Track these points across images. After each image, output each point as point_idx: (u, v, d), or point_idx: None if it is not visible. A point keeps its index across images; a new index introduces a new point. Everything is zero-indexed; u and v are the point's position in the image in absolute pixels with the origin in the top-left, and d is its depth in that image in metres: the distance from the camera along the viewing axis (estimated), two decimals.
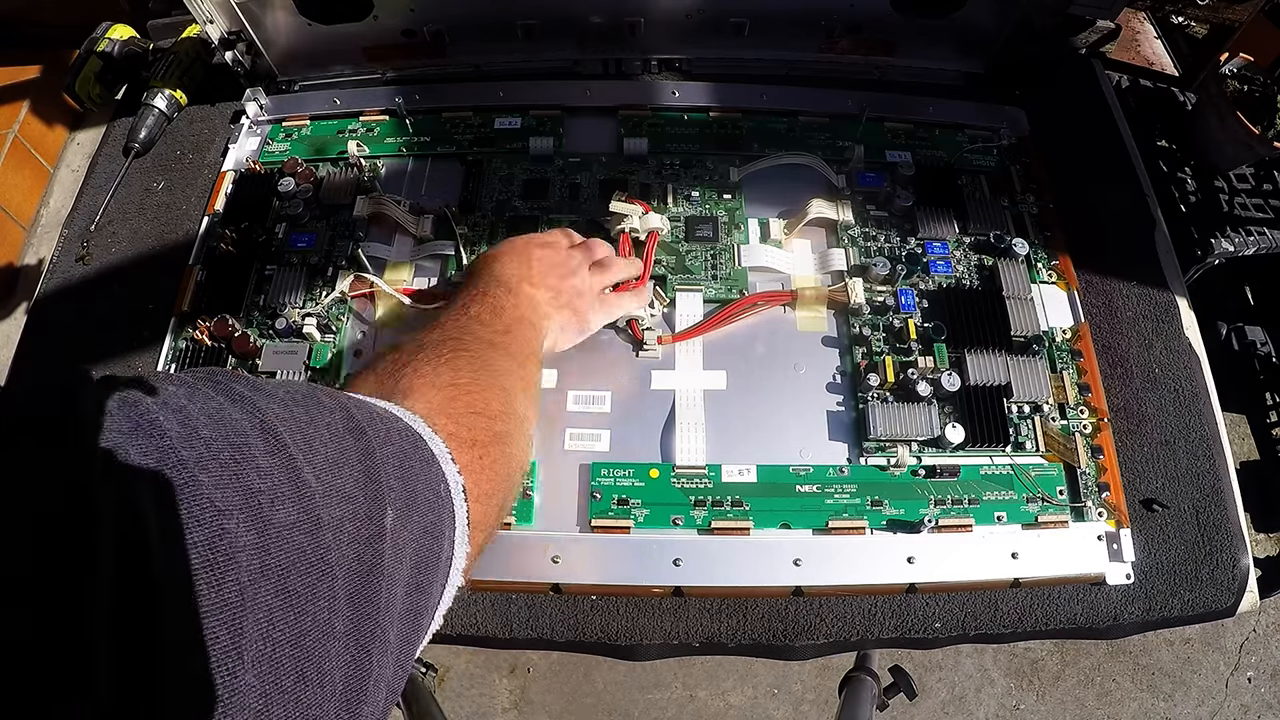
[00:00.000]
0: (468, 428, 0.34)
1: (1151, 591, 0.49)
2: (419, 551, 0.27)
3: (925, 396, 0.51)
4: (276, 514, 0.21)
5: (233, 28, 0.61)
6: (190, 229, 0.59)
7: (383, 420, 0.29)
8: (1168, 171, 0.87)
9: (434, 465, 0.29)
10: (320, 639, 0.21)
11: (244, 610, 0.19)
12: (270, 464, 0.22)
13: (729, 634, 0.48)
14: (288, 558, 0.21)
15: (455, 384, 0.36)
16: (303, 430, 0.24)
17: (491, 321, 0.43)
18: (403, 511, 0.26)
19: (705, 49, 0.67)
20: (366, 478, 0.25)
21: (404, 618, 0.26)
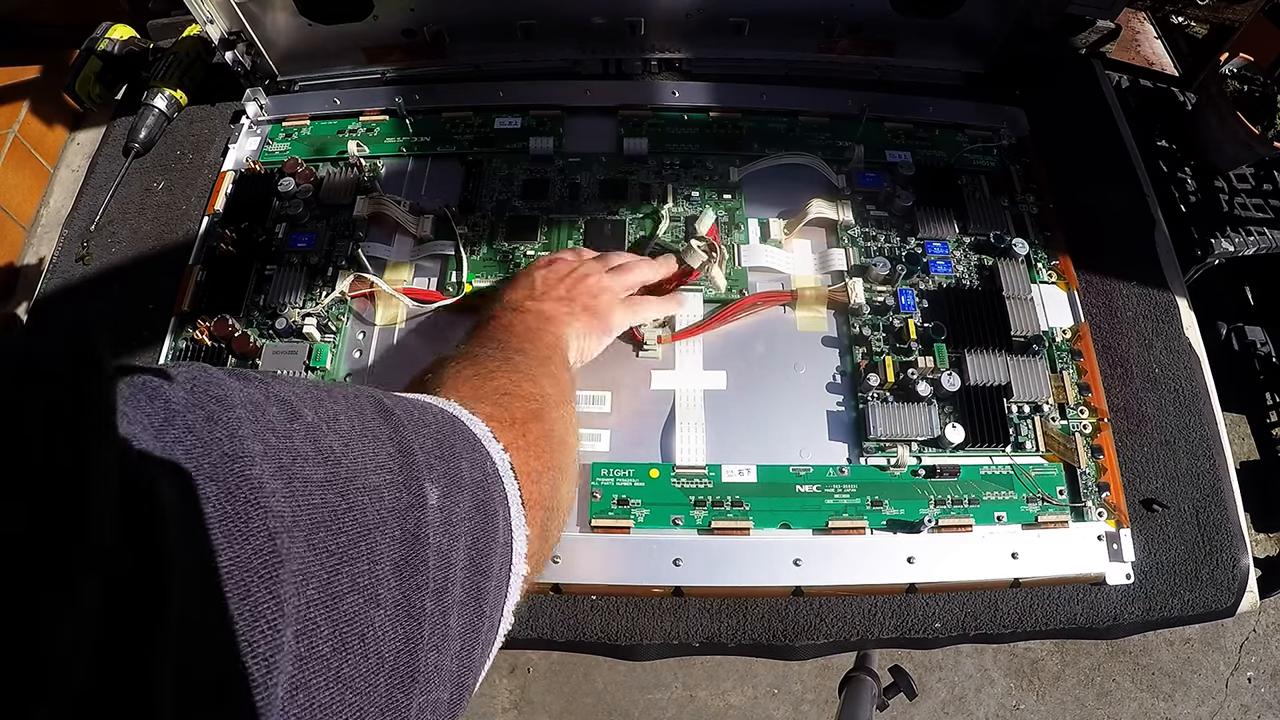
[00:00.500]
0: (504, 408, 0.33)
1: (1151, 591, 0.49)
2: (473, 530, 0.26)
3: (925, 396, 0.51)
4: (302, 470, 0.20)
5: (233, 28, 0.61)
6: (190, 229, 0.59)
7: (414, 405, 0.28)
8: (1168, 171, 0.87)
9: (477, 446, 0.29)
10: (362, 605, 0.20)
11: (279, 558, 0.18)
12: (289, 428, 0.21)
13: (729, 634, 0.48)
14: (319, 512, 0.20)
15: (479, 375, 0.36)
16: (321, 404, 0.23)
17: (506, 339, 0.42)
18: (448, 489, 0.25)
19: (705, 49, 0.67)
20: (399, 451, 0.24)
21: (464, 604, 0.24)
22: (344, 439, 0.22)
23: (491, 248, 0.57)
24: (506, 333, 0.43)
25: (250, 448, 0.19)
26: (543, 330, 0.44)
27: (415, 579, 0.22)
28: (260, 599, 0.17)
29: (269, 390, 0.22)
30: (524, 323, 0.44)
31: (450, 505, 0.25)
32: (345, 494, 0.21)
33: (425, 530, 0.23)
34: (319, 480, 0.20)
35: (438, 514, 0.24)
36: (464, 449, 0.28)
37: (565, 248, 0.56)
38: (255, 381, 0.22)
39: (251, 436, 0.19)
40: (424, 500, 0.24)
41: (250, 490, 0.18)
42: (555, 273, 0.49)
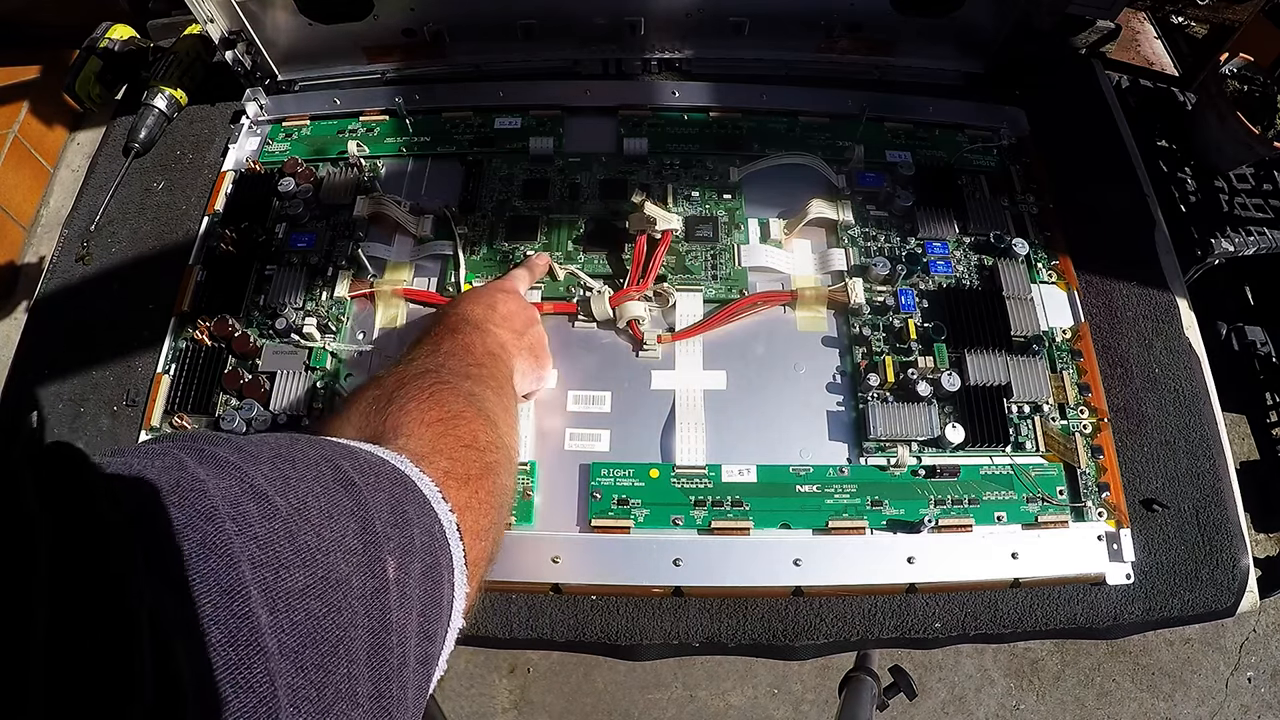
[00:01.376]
0: (461, 463, 0.33)
1: (1151, 591, 0.49)
2: (424, 598, 0.26)
3: (925, 396, 0.51)
4: (284, 583, 0.20)
5: (233, 27, 0.61)
6: (190, 229, 0.59)
7: (371, 468, 0.28)
8: (1168, 171, 0.87)
9: (427, 508, 0.29)
10: (346, 709, 0.21)
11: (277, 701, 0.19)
12: (268, 530, 0.21)
13: (729, 634, 0.48)
14: (305, 630, 0.20)
15: (443, 419, 0.35)
16: (293, 489, 0.23)
17: (464, 356, 0.42)
18: (403, 560, 0.25)
19: (705, 49, 0.67)
20: (363, 529, 0.24)
21: (416, 672, 0.25)
22: (315, 528, 0.23)
23: (491, 248, 0.57)
24: (466, 353, 0.43)
25: (243, 573, 0.19)
26: (501, 358, 0.45)
27: (384, 666, 0.23)
28: None
29: (243, 479, 0.22)
30: (484, 345, 0.44)
31: (404, 576, 0.25)
32: (323, 597, 0.21)
33: (389, 613, 0.24)
34: (300, 589, 0.21)
35: (396, 589, 0.24)
36: (416, 513, 0.28)
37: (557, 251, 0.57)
38: (228, 468, 0.22)
39: (241, 556, 0.20)
40: (386, 583, 0.24)
41: (250, 631, 0.19)
42: (511, 305, 0.49)
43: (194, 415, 0.51)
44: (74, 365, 0.55)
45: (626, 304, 0.53)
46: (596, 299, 0.54)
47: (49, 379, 0.54)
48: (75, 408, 0.53)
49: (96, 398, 0.53)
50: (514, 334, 0.47)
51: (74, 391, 0.54)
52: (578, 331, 0.55)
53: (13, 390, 0.54)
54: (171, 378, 0.53)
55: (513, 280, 0.52)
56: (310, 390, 0.52)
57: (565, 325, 0.55)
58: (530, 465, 0.50)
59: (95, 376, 0.54)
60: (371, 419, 0.35)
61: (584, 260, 0.57)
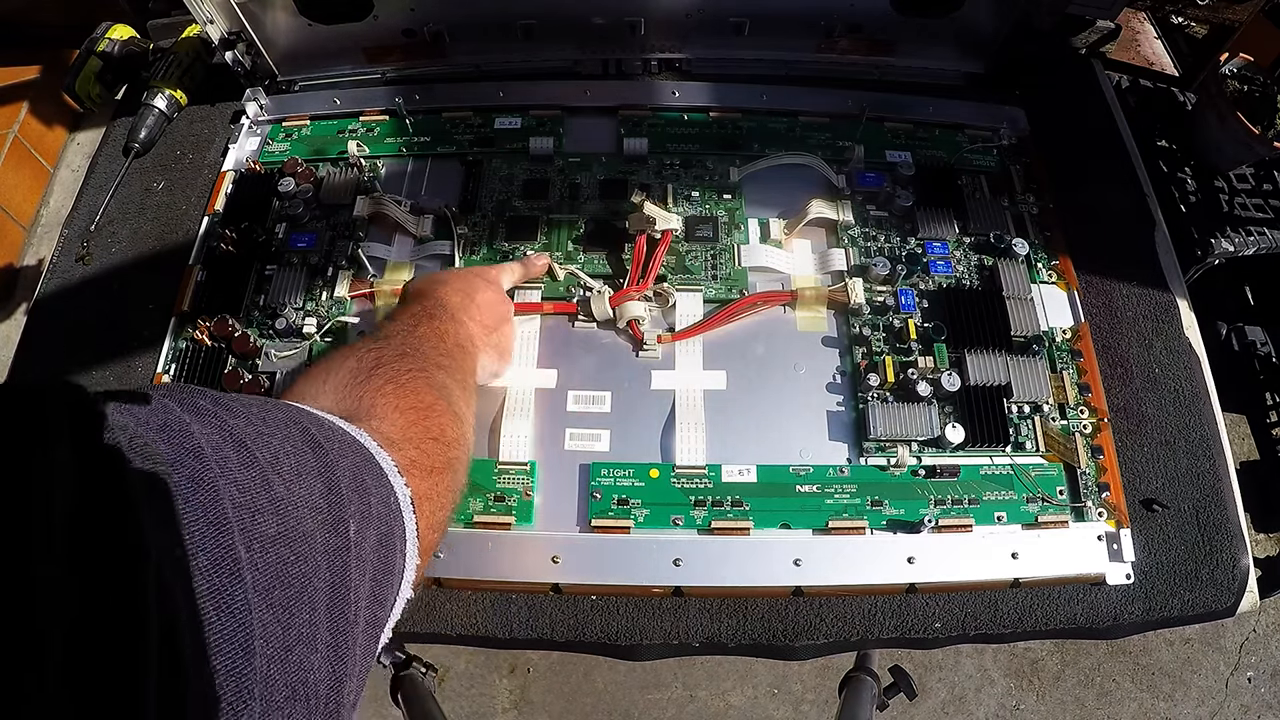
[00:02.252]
0: (427, 454, 0.34)
1: (1151, 591, 0.49)
2: (377, 563, 0.27)
3: (925, 396, 0.51)
4: (259, 527, 0.21)
5: (233, 28, 0.61)
6: (190, 229, 0.59)
7: (336, 435, 0.29)
8: (1168, 171, 0.87)
9: (384, 479, 0.30)
10: (306, 652, 0.22)
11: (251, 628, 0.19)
12: (246, 477, 0.22)
13: (729, 634, 0.48)
14: (274, 571, 0.21)
15: (416, 407, 0.36)
16: (266, 443, 0.24)
17: (438, 344, 0.43)
18: (361, 524, 0.26)
19: (705, 49, 0.67)
20: (328, 489, 0.25)
21: (365, 631, 0.26)
22: (286, 482, 0.23)
23: (491, 248, 0.57)
24: (439, 340, 0.43)
25: (226, 510, 0.20)
26: (469, 351, 0.46)
27: (341, 620, 0.24)
28: (243, 669, 0.19)
29: (224, 428, 0.23)
30: (455, 336, 0.45)
31: (361, 540, 0.26)
32: (292, 545, 0.22)
33: (348, 571, 0.25)
34: (272, 536, 0.22)
35: (354, 550, 0.25)
36: (374, 483, 0.29)
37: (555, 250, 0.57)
38: (209, 417, 0.23)
39: (224, 495, 0.21)
40: (347, 541, 0.25)
41: (232, 561, 0.20)
42: (490, 299, 0.49)
43: None
44: (74, 365, 0.55)
45: (626, 304, 0.53)
46: (596, 299, 0.54)
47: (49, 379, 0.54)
48: None
49: None
50: (484, 329, 0.48)
51: None
52: (578, 331, 0.55)
53: None
54: (171, 378, 0.53)
55: (498, 272, 0.53)
56: None
57: (565, 325, 0.55)
58: (530, 465, 0.50)
59: (95, 376, 0.54)
60: (347, 393, 0.36)
61: (584, 260, 0.57)
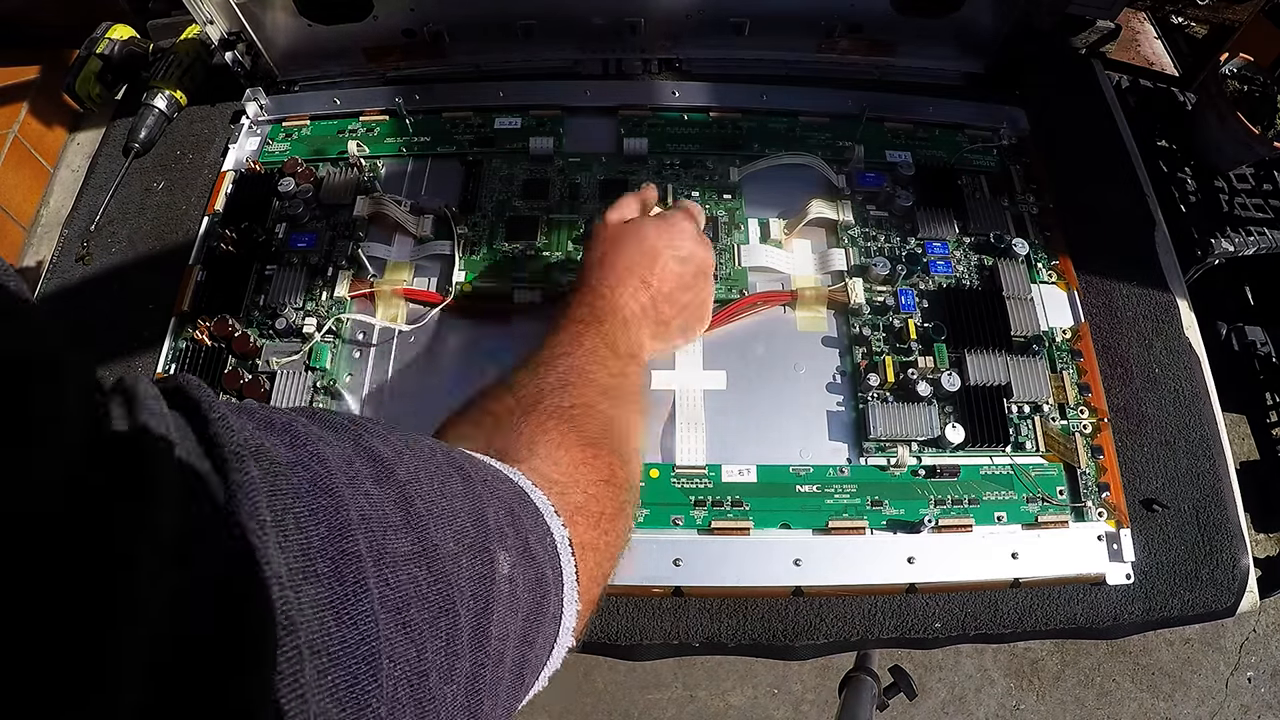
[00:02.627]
0: (596, 499, 0.31)
1: (1151, 591, 0.49)
2: (530, 603, 0.25)
3: (925, 396, 0.51)
4: (391, 543, 0.20)
5: (233, 28, 0.61)
6: (190, 229, 0.59)
7: (485, 469, 0.27)
8: (1168, 171, 0.87)
9: (540, 518, 0.28)
10: (440, 683, 0.20)
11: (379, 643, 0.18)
12: (379, 491, 0.21)
13: (729, 634, 0.48)
14: (407, 590, 0.20)
15: (583, 445, 0.33)
16: (407, 462, 0.23)
17: (606, 359, 0.40)
18: (514, 559, 0.25)
19: (705, 49, 0.67)
20: (474, 517, 0.24)
21: (511, 673, 0.24)
22: (426, 501, 0.22)
23: (491, 248, 0.57)
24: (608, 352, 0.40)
25: (351, 517, 0.19)
26: (640, 360, 0.42)
27: (481, 653, 0.22)
28: (367, 686, 0.17)
29: (358, 442, 0.22)
30: (627, 344, 0.41)
31: (517, 576, 0.25)
32: (430, 566, 0.21)
33: (493, 603, 0.23)
34: (405, 554, 0.20)
35: (506, 585, 0.24)
36: (530, 521, 0.27)
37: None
38: (344, 432, 0.22)
39: (350, 504, 0.19)
40: (494, 570, 0.23)
41: (355, 571, 0.18)
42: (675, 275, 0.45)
43: None
44: None
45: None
46: None
47: None
48: None
49: None
50: (661, 325, 0.45)
51: None
52: None
53: None
54: None
55: (688, 228, 0.47)
56: (311, 390, 0.52)
57: None
58: None
59: None
60: (504, 432, 0.33)
61: None
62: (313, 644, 0.17)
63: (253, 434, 0.18)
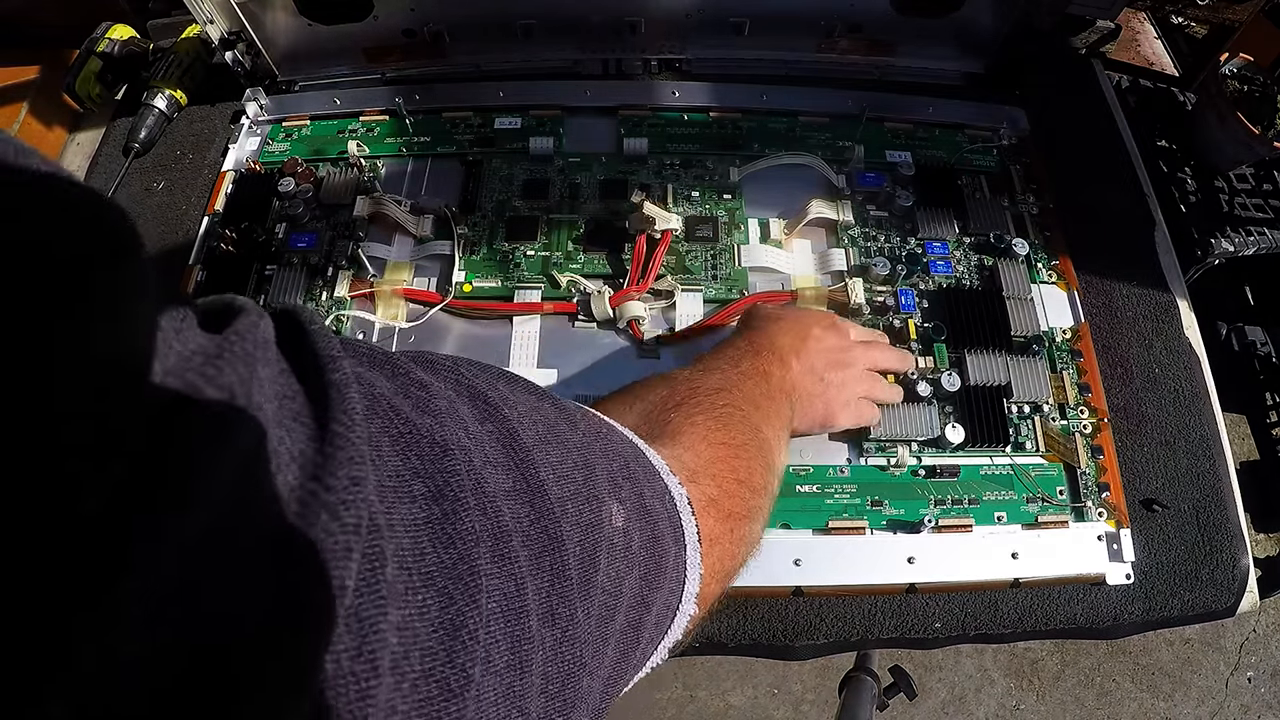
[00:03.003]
0: (729, 495, 0.31)
1: (1151, 591, 0.49)
2: (646, 561, 0.25)
3: (925, 396, 0.51)
4: (491, 478, 0.19)
5: (233, 28, 0.61)
6: (190, 229, 0.59)
7: (597, 421, 0.27)
8: (1168, 171, 0.87)
9: (657, 476, 0.27)
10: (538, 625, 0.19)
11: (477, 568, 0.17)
12: (482, 430, 0.20)
13: (729, 634, 0.48)
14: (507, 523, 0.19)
15: (727, 443, 0.33)
16: (508, 401, 0.22)
17: (759, 384, 0.40)
18: (633, 514, 0.24)
19: (705, 49, 0.67)
20: (583, 464, 0.23)
21: (623, 634, 0.23)
22: (532, 443, 0.21)
23: (491, 248, 0.57)
24: (763, 380, 0.40)
25: (452, 446, 0.18)
26: (791, 398, 0.42)
27: (586, 602, 0.21)
28: (464, 609, 0.17)
29: (460, 380, 0.21)
30: (780, 381, 0.42)
31: (631, 530, 0.24)
32: (534, 504, 0.20)
33: (599, 552, 0.22)
34: (507, 489, 0.20)
35: (621, 536, 0.23)
36: (645, 477, 0.27)
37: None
38: (444, 370, 0.21)
39: (451, 437, 0.19)
40: (601, 519, 0.23)
41: (456, 491, 0.18)
42: (827, 343, 0.46)
43: None
44: None
45: (626, 304, 0.53)
46: (596, 299, 0.54)
47: None
48: None
49: None
50: (814, 376, 0.44)
51: None
52: (578, 331, 0.55)
53: None
54: None
55: (838, 320, 0.49)
56: None
57: (565, 325, 0.55)
58: None
59: None
60: (654, 419, 0.33)
61: (584, 260, 0.57)
62: (401, 559, 0.16)
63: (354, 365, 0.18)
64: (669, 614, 0.26)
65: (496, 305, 0.55)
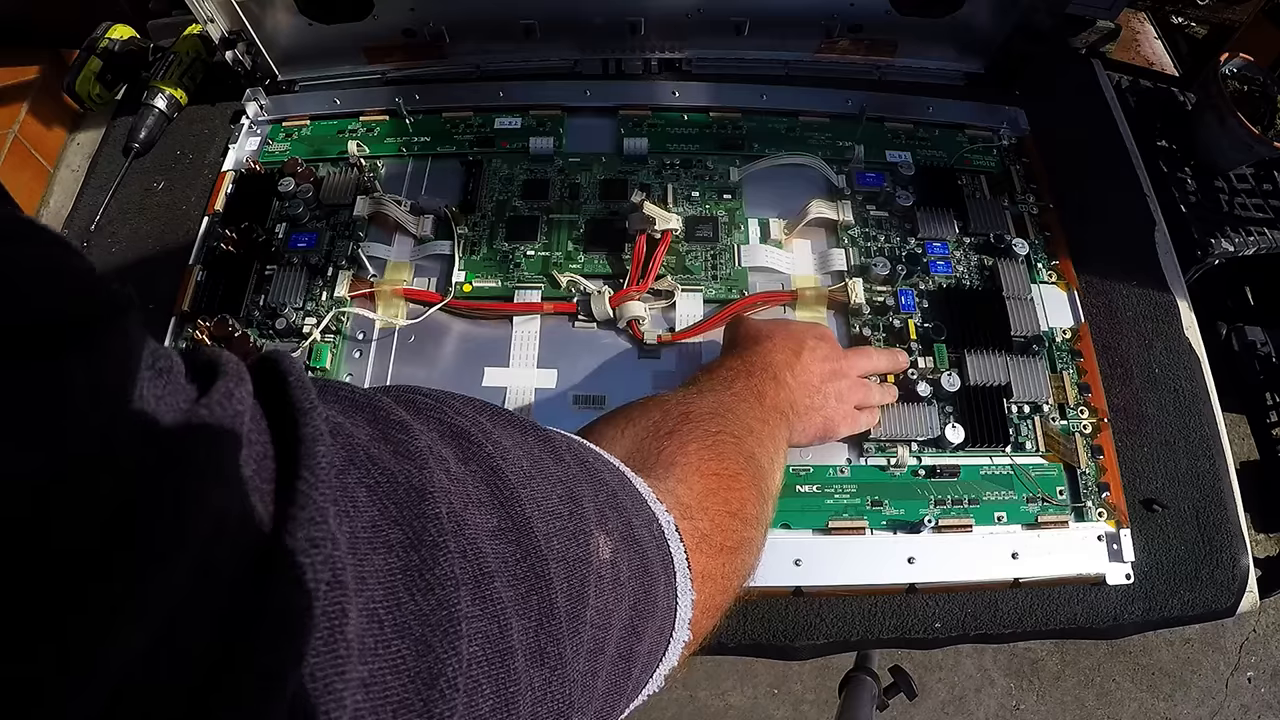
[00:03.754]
0: (721, 529, 0.31)
1: (1151, 591, 0.49)
2: (636, 591, 0.24)
3: (925, 396, 0.51)
4: (474, 518, 0.19)
5: (233, 27, 0.61)
6: (190, 229, 0.59)
7: (583, 449, 0.27)
8: (1168, 171, 0.87)
9: (644, 505, 0.27)
10: (525, 666, 0.19)
11: (457, 614, 0.17)
12: (464, 470, 0.20)
13: (729, 634, 0.48)
14: (489, 565, 0.18)
15: (719, 474, 0.32)
16: (490, 437, 0.22)
17: (753, 407, 0.40)
18: (621, 543, 0.24)
19: (705, 49, 0.67)
20: (569, 496, 0.23)
21: (614, 665, 0.23)
22: (516, 480, 0.21)
23: (491, 248, 0.57)
24: (757, 401, 0.40)
25: (432, 489, 0.18)
26: (787, 417, 0.42)
27: (575, 639, 0.21)
28: (443, 655, 0.17)
29: (442, 419, 0.21)
30: (775, 399, 0.41)
31: (619, 561, 0.24)
32: (520, 542, 0.20)
33: (587, 586, 0.22)
34: (491, 529, 0.19)
35: (608, 569, 0.23)
36: (633, 506, 0.26)
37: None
38: (427, 411, 0.21)
39: (433, 479, 0.18)
40: (589, 552, 0.22)
41: (436, 535, 0.17)
42: (821, 354, 0.45)
43: None
44: None
45: (626, 304, 0.53)
46: (596, 299, 0.54)
47: None
48: None
49: None
50: (809, 390, 0.44)
51: None
52: (578, 331, 0.55)
53: None
54: None
55: (829, 334, 0.48)
56: None
57: (565, 325, 0.55)
58: None
59: None
60: (646, 448, 0.32)
61: (584, 260, 0.57)
62: (373, 611, 0.16)
63: (333, 412, 0.18)
64: (663, 641, 0.26)
65: (496, 305, 0.55)
